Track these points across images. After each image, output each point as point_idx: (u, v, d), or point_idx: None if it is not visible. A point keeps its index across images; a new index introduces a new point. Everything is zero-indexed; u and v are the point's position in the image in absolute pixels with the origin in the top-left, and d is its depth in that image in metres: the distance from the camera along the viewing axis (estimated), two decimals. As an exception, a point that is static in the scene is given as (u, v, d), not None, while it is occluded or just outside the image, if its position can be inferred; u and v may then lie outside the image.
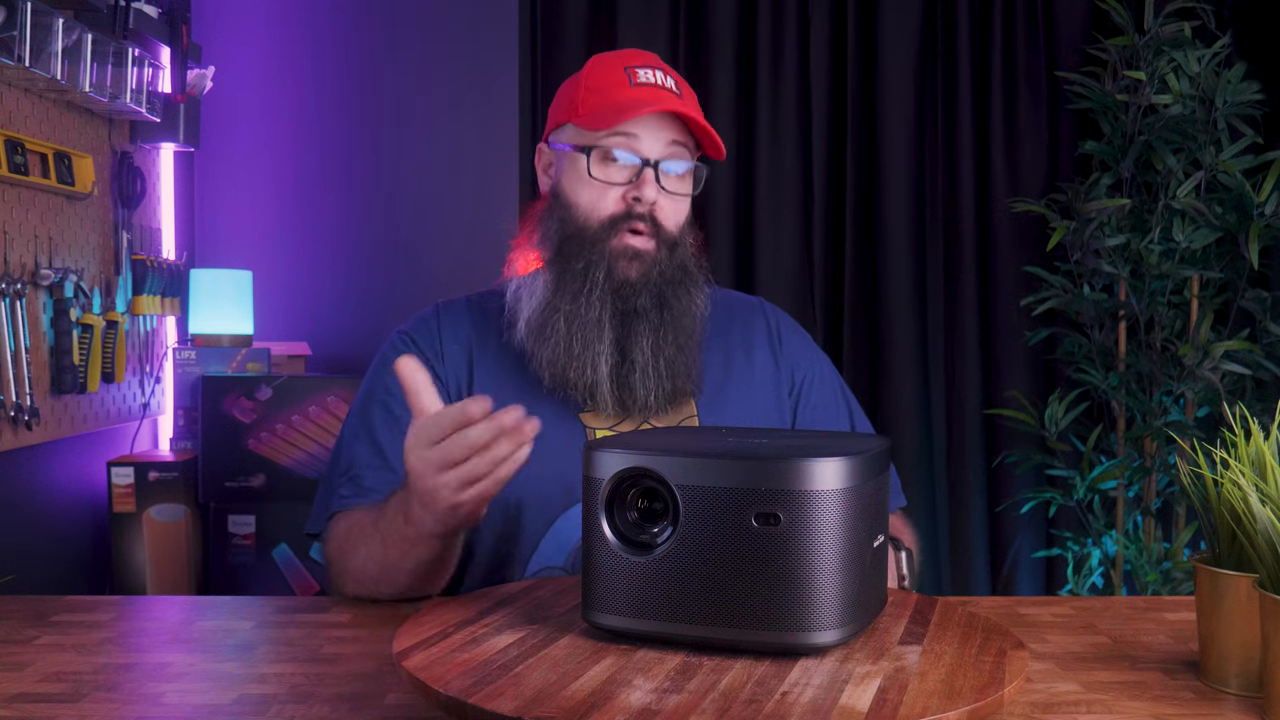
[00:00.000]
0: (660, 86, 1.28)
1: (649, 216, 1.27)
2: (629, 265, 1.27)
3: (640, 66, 1.30)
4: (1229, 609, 0.91)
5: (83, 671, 0.96)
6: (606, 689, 0.73)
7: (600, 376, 1.25)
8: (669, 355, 1.27)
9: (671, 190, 1.29)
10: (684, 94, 1.31)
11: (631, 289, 1.26)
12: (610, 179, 1.27)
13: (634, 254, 1.26)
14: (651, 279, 1.27)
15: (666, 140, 1.27)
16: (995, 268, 2.91)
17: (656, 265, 1.27)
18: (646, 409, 1.27)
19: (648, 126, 1.26)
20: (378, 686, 0.93)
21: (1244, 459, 0.92)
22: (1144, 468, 2.66)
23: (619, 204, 1.27)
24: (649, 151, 1.27)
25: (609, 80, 1.29)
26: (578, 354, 1.25)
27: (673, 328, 1.28)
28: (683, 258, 1.30)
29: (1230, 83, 2.54)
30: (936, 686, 0.74)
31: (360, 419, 1.31)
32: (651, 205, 1.26)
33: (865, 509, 0.82)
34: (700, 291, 1.33)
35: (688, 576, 0.80)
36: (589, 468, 0.85)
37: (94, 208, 2.43)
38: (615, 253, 1.26)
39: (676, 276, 1.29)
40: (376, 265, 2.95)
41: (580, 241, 1.27)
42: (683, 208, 1.31)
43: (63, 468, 2.39)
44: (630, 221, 1.27)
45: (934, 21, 2.91)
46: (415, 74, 2.95)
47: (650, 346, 1.26)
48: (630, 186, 1.27)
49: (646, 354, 1.26)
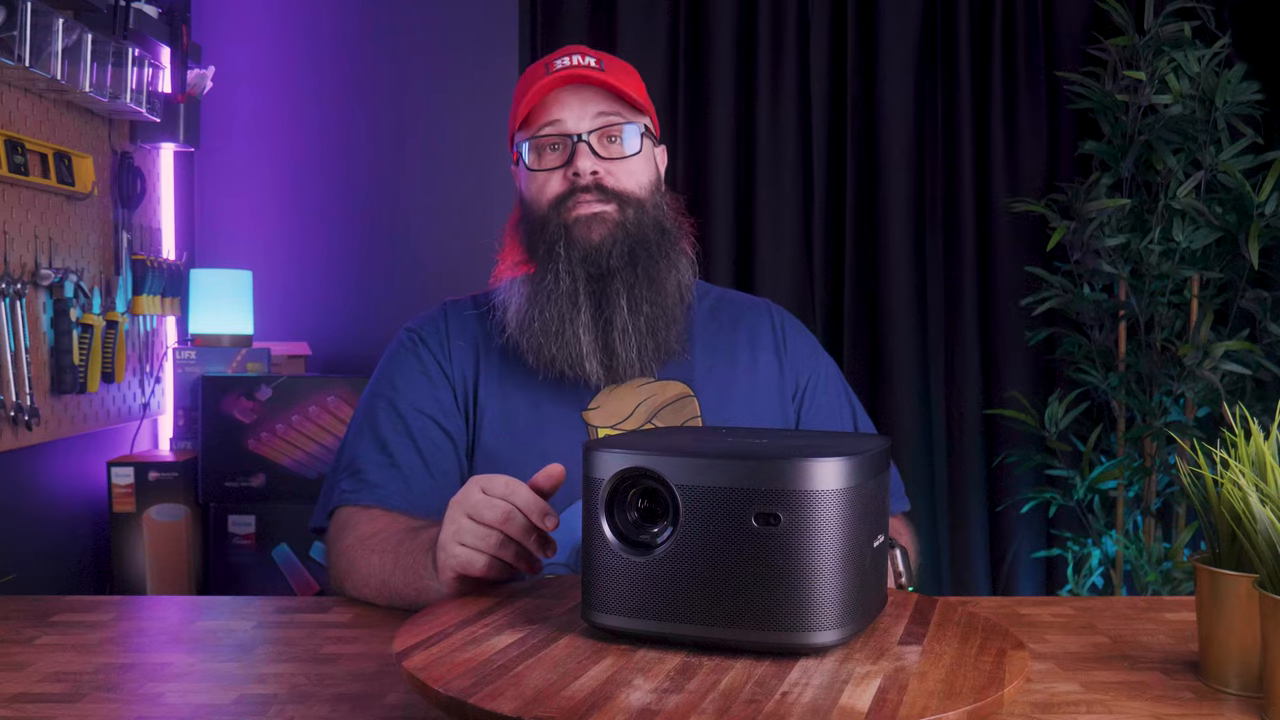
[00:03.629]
0: (575, 68, 1.29)
1: (595, 185, 1.27)
2: (590, 229, 1.27)
3: (559, 56, 1.31)
4: (1229, 609, 0.91)
5: (83, 671, 0.96)
6: (606, 689, 0.73)
7: (584, 347, 1.26)
8: (648, 314, 1.27)
9: (613, 156, 1.29)
10: (608, 66, 1.31)
11: (598, 251, 1.27)
12: (548, 164, 1.29)
13: (591, 218, 1.27)
14: (619, 238, 1.27)
15: (593, 113, 1.28)
16: (995, 268, 2.91)
17: (622, 226, 1.28)
18: (632, 369, 1.27)
19: (570, 106, 1.28)
20: (378, 686, 0.92)
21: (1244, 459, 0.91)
22: (1144, 468, 2.66)
23: (562, 183, 1.28)
24: (576, 127, 1.28)
25: (531, 79, 1.32)
26: (555, 330, 1.26)
27: (648, 285, 1.27)
28: (653, 218, 1.30)
29: (1230, 83, 2.54)
30: (936, 686, 0.74)
31: (366, 416, 1.32)
32: (594, 175, 1.27)
33: (866, 509, 0.82)
34: (679, 254, 1.32)
35: (688, 576, 0.80)
36: (589, 467, 0.84)
37: (94, 208, 2.43)
38: (571, 223, 1.27)
39: (646, 236, 1.29)
40: (377, 265, 2.95)
41: (539, 229, 1.29)
42: (637, 169, 1.31)
43: (63, 468, 2.39)
44: (576, 194, 1.27)
45: (934, 21, 2.91)
46: (416, 73, 2.95)
47: (626, 304, 1.26)
48: (568, 165, 1.28)
49: (624, 315, 1.26)
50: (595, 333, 1.26)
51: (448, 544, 1.01)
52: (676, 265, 1.31)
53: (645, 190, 1.31)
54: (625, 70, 1.35)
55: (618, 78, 1.30)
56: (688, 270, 1.34)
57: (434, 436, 1.29)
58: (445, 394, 1.32)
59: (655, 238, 1.29)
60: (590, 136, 1.28)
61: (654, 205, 1.31)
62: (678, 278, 1.31)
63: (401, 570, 1.12)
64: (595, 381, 1.28)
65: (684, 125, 2.91)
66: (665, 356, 1.30)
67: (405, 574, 1.11)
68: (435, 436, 1.29)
